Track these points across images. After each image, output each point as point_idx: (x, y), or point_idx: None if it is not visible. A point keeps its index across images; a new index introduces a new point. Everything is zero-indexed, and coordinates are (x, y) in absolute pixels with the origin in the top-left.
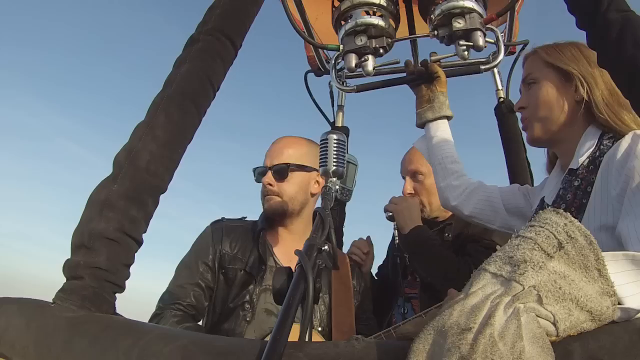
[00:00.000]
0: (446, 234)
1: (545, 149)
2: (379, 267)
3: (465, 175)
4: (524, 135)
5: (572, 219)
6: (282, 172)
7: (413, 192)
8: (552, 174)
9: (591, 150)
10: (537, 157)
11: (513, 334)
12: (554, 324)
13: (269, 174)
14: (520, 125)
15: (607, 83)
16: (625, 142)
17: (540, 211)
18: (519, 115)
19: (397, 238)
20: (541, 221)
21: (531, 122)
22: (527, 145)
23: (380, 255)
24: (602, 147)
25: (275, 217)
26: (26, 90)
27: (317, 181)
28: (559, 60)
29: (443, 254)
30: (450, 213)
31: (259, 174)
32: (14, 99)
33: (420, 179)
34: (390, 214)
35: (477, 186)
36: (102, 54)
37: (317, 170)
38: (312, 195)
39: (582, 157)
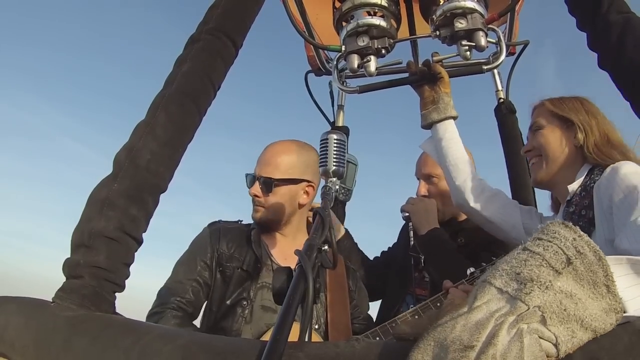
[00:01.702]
0: (459, 239)
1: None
2: (389, 249)
3: (478, 176)
4: (523, 134)
5: (581, 233)
6: (267, 186)
7: (427, 194)
8: (559, 215)
9: (582, 179)
10: None
11: (515, 356)
12: (556, 345)
13: (257, 184)
14: (529, 167)
15: (601, 130)
16: (610, 168)
17: (549, 223)
18: (518, 116)
19: (412, 238)
20: (549, 235)
21: (536, 164)
22: None
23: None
24: (593, 175)
25: (263, 225)
26: (28, 89)
27: (306, 191)
28: (562, 110)
29: (458, 258)
30: (464, 217)
31: (250, 181)
32: (16, 98)
33: (435, 181)
34: (407, 214)
35: (497, 193)
36: (104, 53)
37: (307, 181)
38: (301, 206)
39: (574, 187)
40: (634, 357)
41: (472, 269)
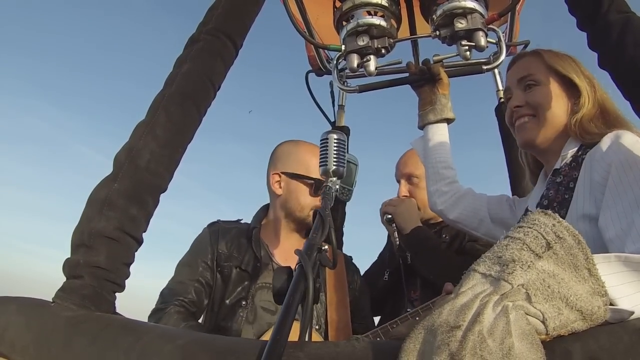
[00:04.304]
0: (444, 235)
1: (525, 160)
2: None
3: (457, 182)
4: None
5: (560, 219)
6: None
7: (408, 194)
8: (536, 185)
9: (574, 150)
10: None
11: (502, 330)
12: (543, 322)
13: None
14: (511, 121)
15: (596, 99)
16: (607, 138)
17: (529, 212)
18: None
19: (397, 240)
20: (529, 222)
21: (530, 124)
22: None
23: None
24: (584, 147)
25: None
26: (44, 99)
27: None
28: (563, 67)
29: (445, 252)
30: None
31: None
32: (32, 107)
33: (415, 182)
34: (390, 216)
35: (465, 193)
36: (108, 55)
37: None
38: None
39: (567, 156)
40: (634, 357)
41: None
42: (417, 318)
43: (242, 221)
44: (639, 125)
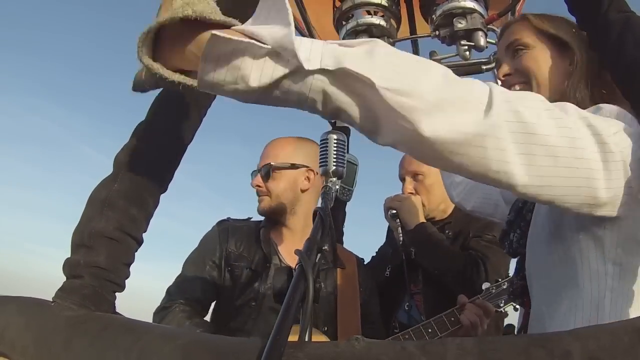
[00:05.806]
0: (447, 232)
1: None
2: (379, 251)
3: None
4: None
5: None
6: (267, 172)
7: (414, 191)
8: None
9: None
10: None
11: None
12: None
13: (258, 176)
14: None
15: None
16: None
17: None
18: None
19: (401, 235)
20: None
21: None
22: None
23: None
24: None
25: (270, 217)
26: (47, 98)
27: (308, 177)
28: (554, 28)
29: (448, 247)
30: (449, 213)
31: (253, 176)
32: (35, 106)
33: (420, 179)
34: (395, 211)
35: (477, 183)
36: (109, 58)
37: (307, 166)
38: (302, 191)
39: None
40: (634, 357)
41: (487, 284)
42: (430, 330)
43: (251, 219)
44: None
